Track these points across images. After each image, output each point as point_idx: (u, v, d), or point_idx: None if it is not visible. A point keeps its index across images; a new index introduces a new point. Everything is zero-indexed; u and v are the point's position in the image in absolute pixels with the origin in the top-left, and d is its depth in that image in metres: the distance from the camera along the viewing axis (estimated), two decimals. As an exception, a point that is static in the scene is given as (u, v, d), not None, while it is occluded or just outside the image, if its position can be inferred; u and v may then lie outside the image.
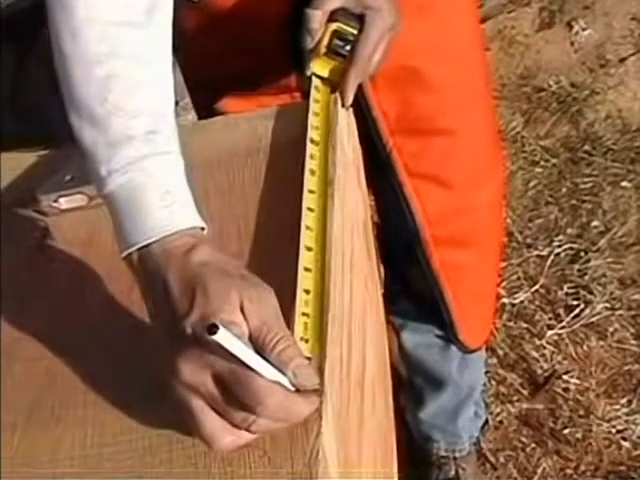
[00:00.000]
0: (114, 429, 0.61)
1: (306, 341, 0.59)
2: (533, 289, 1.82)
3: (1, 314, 0.73)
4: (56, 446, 0.61)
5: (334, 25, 0.80)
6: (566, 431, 1.59)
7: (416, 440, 1.49)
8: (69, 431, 0.62)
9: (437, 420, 1.45)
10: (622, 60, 2.29)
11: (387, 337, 1.15)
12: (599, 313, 1.74)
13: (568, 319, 1.75)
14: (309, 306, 0.61)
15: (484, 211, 1.16)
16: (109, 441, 0.60)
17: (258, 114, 0.87)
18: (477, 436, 1.54)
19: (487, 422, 1.59)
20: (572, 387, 1.64)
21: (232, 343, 0.50)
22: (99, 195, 0.63)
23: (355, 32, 0.80)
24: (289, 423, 0.54)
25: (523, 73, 2.33)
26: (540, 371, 1.69)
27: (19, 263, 0.79)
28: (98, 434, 0.61)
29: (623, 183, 1.99)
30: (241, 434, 0.54)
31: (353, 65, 0.79)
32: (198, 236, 0.60)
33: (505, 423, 1.63)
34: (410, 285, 1.26)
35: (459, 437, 1.48)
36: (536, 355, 1.71)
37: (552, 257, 1.86)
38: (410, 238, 1.12)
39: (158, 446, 0.58)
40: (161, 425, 0.59)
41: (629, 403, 1.61)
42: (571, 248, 1.88)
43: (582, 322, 1.74)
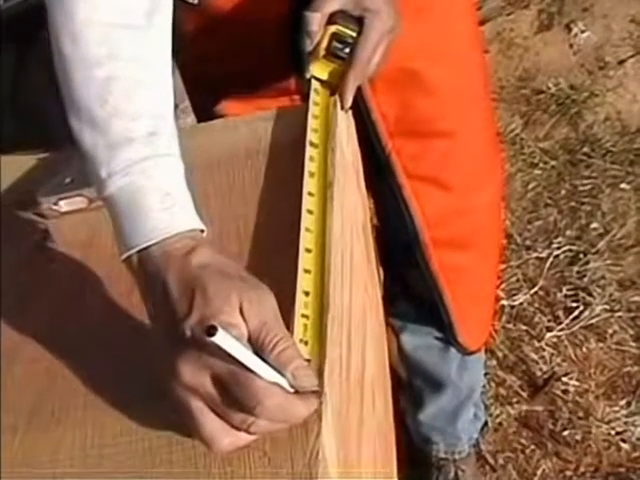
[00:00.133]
0: (114, 430, 0.61)
1: (305, 343, 0.59)
2: (532, 291, 1.82)
3: (1, 315, 0.73)
4: (56, 447, 0.61)
5: (333, 28, 0.80)
6: (565, 433, 1.59)
7: (415, 442, 1.49)
8: (69, 432, 0.62)
9: (436, 422, 1.45)
10: (621, 62, 2.29)
11: (386, 339, 1.15)
12: (598, 315, 1.74)
13: (567, 321, 1.75)
14: (308, 308, 0.61)
15: (483, 213, 1.16)
16: (109, 442, 0.60)
17: (257, 116, 0.87)
18: (476, 438, 1.54)
19: (486, 424, 1.59)
20: (571, 389, 1.64)
21: (231, 345, 0.50)
22: (99, 197, 0.63)
23: (354, 35, 0.80)
24: (288, 424, 0.55)
25: (522, 75, 2.33)
26: (539, 373, 1.69)
27: (19, 263, 0.79)
28: (98, 435, 0.61)
29: (622, 185, 1.99)
30: (240, 435, 0.54)
31: (352, 68, 0.79)
32: (198, 238, 0.60)
33: (504, 425, 1.63)
34: (409, 287, 1.26)
35: (458, 439, 1.48)
36: (535, 357, 1.71)
37: (551, 259, 1.87)
38: (409, 240, 1.12)
39: (158, 447, 0.58)
40: (161, 426, 0.59)
41: (628, 405, 1.61)
42: (570, 250, 1.88)
43: (581, 324, 1.74)
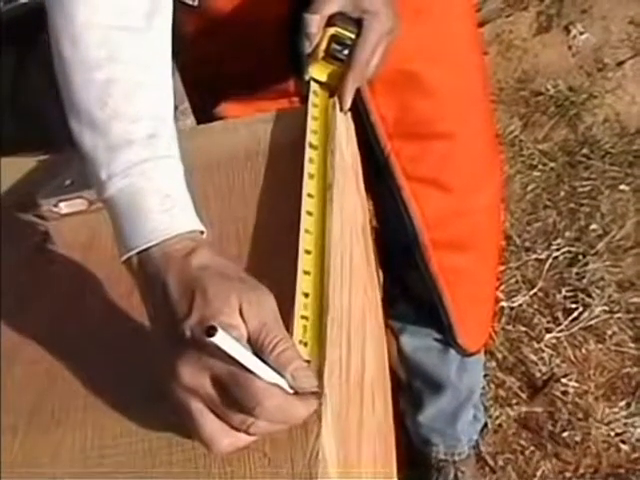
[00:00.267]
0: (114, 431, 0.61)
1: (305, 344, 0.59)
2: (531, 292, 1.82)
3: (1, 317, 0.73)
4: (56, 449, 0.61)
5: (332, 29, 0.80)
6: (565, 434, 1.59)
7: (415, 443, 1.49)
8: (69, 434, 0.62)
9: (436, 423, 1.45)
10: (620, 64, 2.30)
11: (386, 341, 1.15)
12: (597, 316, 1.74)
13: (567, 322, 1.75)
14: (308, 309, 0.61)
15: (482, 214, 1.16)
16: (109, 443, 0.60)
17: (257, 118, 0.87)
18: (476, 439, 1.54)
19: (486, 425, 1.59)
20: (571, 390, 1.65)
21: (230, 345, 0.50)
22: (99, 199, 0.63)
23: (353, 36, 0.80)
24: (288, 425, 0.55)
25: (521, 77, 2.33)
26: (539, 374, 1.69)
27: (19, 265, 0.79)
28: (98, 436, 0.61)
29: (621, 186, 1.99)
30: (240, 436, 0.54)
31: (351, 69, 0.80)
32: (197, 240, 0.60)
33: (504, 426, 1.63)
34: (409, 289, 1.26)
35: (458, 440, 1.48)
36: (535, 358, 1.71)
37: (550, 260, 1.87)
38: (409, 242, 1.12)
39: (158, 448, 0.59)
40: (161, 427, 0.59)
41: (628, 406, 1.61)
42: (569, 251, 1.88)
43: (580, 325, 1.74)
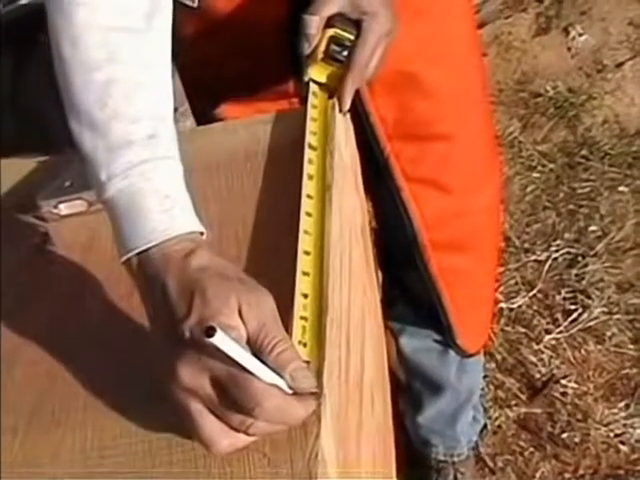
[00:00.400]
0: (114, 432, 0.61)
1: (304, 345, 0.59)
2: (531, 294, 1.82)
3: (1, 318, 0.73)
4: (56, 449, 0.61)
5: (331, 31, 0.81)
6: (564, 435, 1.59)
7: (415, 444, 1.49)
8: (69, 434, 0.62)
9: (436, 424, 1.45)
10: (619, 65, 2.30)
11: (385, 341, 1.15)
12: (597, 317, 1.74)
13: (566, 323, 1.75)
14: (307, 310, 0.61)
15: (482, 215, 1.16)
16: (109, 444, 0.60)
17: (256, 119, 0.87)
18: (476, 440, 1.54)
19: (485, 426, 1.59)
20: (570, 391, 1.65)
21: (229, 346, 0.50)
22: (99, 200, 0.63)
23: (352, 37, 0.80)
24: (287, 426, 0.55)
25: (520, 78, 2.33)
26: (538, 375, 1.69)
27: (19, 266, 0.79)
28: (98, 437, 0.61)
29: (620, 188, 1.99)
30: (239, 437, 0.54)
31: (350, 71, 0.80)
32: (197, 240, 0.60)
33: (503, 427, 1.63)
34: (408, 290, 1.26)
35: (458, 441, 1.48)
36: (534, 359, 1.71)
37: (550, 262, 1.87)
38: (408, 243, 1.12)
39: (158, 449, 0.59)
40: (161, 428, 0.59)
41: (627, 407, 1.61)
42: (569, 253, 1.88)
43: (580, 326, 1.74)
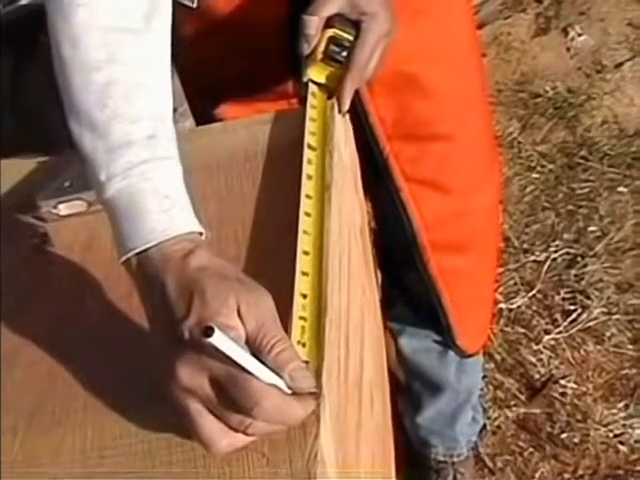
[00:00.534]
0: (114, 432, 0.61)
1: (303, 345, 0.59)
2: (530, 294, 1.82)
3: (1, 318, 0.73)
4: (57, 449, 0.61)
5: (330, 31, 0.81)
6: (564, 435, 1.59)
7: (414, 445, 1.49)
8: (69, 434, 0.62)
9: (435, 425, 1.45)
10: (618, 65, 2.30)
11: (385, 342, 1.15)
12: (596, 318, 1.75)
13: (565, 324, 1.75)
14: (306, 310, 0.61)
15: (481, 216, 1.16)
16: (109, 444, 0.60)
17: (256, 120, 0.87)
18: (475, 441, 1.54)
19: (485, 427, 1.59)
20: (569, 392, 1.65)
21: (228, 346, 0.50)
22: (99, 200, 0.63)
23: (351, 38, 0.80)
24: (286, 426, 0.55)
25: (519, 79, 2.34)
26: (537, 376, 1.69)
27: (19, 266, 0.79)
28: (98, 437, 0.61)
29: (619, 188, 2.00)
30: (238, 436, 0.54)
31: (349, 71, 0.80)
32: (196, 241, 0.60)
33: (503, 428, 1.63)
34: (408, 290, 1.26)
35: (457, 442, 1.48)
36: (533, 360, 1.71)
37: (549, 262, 1.87)
38: (407, 243, 1.12)
39: (158, 449, 0.59)
40: (160, 428, 0.59)
41: (626, 407, 1.61)
42: (568, 253, 1.88)
43: (579, 327, 1.74)
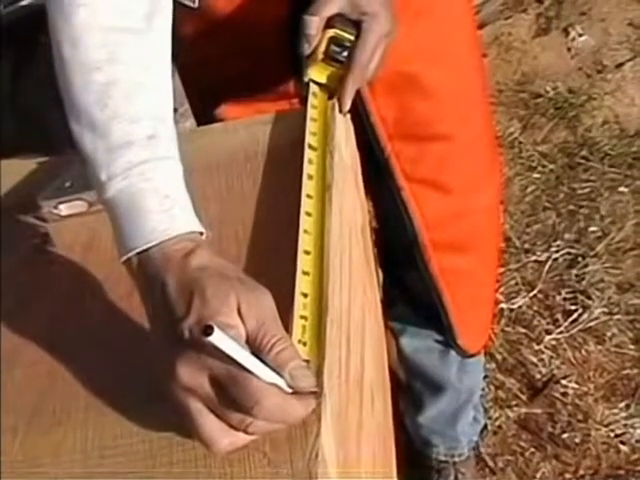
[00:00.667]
0: (114, 432, 0.61)
1: (304, 344, 0.59)
2: (531, 294, 1.82)
3: (1, 318, 0.73)
4: (57, 449, 0.61)
5: (331, 31, 0.81)
6: (565, 435, 1.59)
7: (415, 444, 1.49)
8: (70, 434, 0.62)
9: (436, 425, 1.45)
10: (619, 66, 2.30)
11: (386, 342, 1.15)
12: (597, 318, 1.75)
13: (566, 324, 1.75)
14: (307, 309, 0.61)
15: (482, 216, 1.16)
16: (110, 444, 0.60)
17: (257, 120, 0.87)
18: (476, 441, 1.54)
19: (486, 427, 1.60)
20: (570, 392, 1.65)
21: (228, 345, 0.50)
22: (99, 200, 0.63)
23: (352, 38, 0.80)
24: (286, 425, 0.55)
25: (520, 79, 2.34)
26: (538, 376, 1.69)
27: (19, 266, 0.79)
28: (99, 437, 0.61)
29: (620, 188, 2.00)
30: (239, 435, 0.54)
31: (351, 71, 0.80)
32: (197, 240, 0.60)
33: (504, 428, 1.63)
34: (409, 290, 1.26)
35: (458, 442, 1.48)
36: (534, 360, 1.71)
37: (550, 262, 1.87)
38: (408, 243, 1.12)
39: (158, 449, 0.59)
40: (161, 428, 0.59)
41: (627, 407, 1.61)
42: (569, 253, 1.88)
43: (580, 327, 1.74)
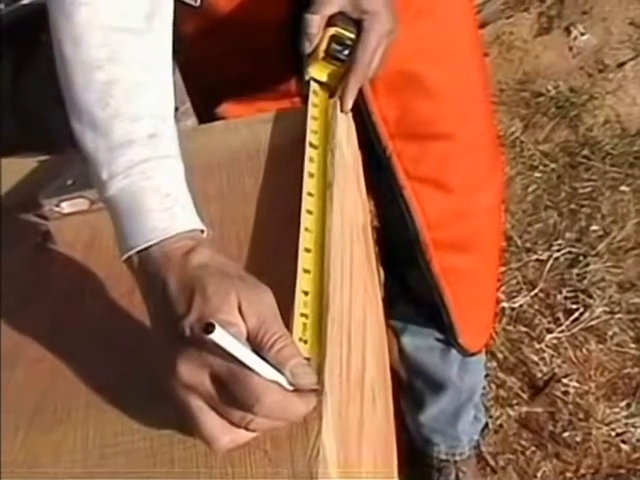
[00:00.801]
0: (115, 430, 0.61)
1: (305, 342, 0.59)
2: (532, 293, 1.82)
3: (2, 317, 0.73)
4: (58, 447, 0.61)
5: (332, 30, 0.81)
6: (566, 434, 1.59)
7: (416, 443, 1.49)
8: (71, 432, 0.62)
9: (437, 423, 1.45)
10: (620, 65, 2.30)
11: (387, 340, 1.15)
12: (598, 317, 1.75)
13: (567, 323, 1.75)
14: (308, 307, 0.61)
15: (483, 215, 1.16)
16: (111, 442, 0.60)
17: (258, 118, 0.87)
18: (477, 439, 1.54)
19: (487, 425, 1.60)
20: (571, 390, 1.65)
21: (229, 342, 0.50)
22: (100, 199, 0.63)
23: (353, 37, 0.80)
24: (287, 422, 0.55)
25: (522, 78, 2.34)
26: (540, 375, 1.69)
27: (20, 264, 0.79)
28: (100, 435, 0.61)
29: (622, 187, 2.00)
30: (240, 433, 0.54)
31: (352, 70, 0.80)
32: (197, 238, 0.61)
33: (505, 426, 1.63)
34: (410, 288, 1.26)
35: (459, 440, 1.48)
36: (535, 359, 1.71)
37: (551, 261, 1.87)
38: (410, 241, 1.12)
39: (159, 447, 0.59)
40: (162, 426, 0.59)
41: (628, 406, 1.61)
42: (570, 252, 1.88)
43: (581, 326, 1.74)
